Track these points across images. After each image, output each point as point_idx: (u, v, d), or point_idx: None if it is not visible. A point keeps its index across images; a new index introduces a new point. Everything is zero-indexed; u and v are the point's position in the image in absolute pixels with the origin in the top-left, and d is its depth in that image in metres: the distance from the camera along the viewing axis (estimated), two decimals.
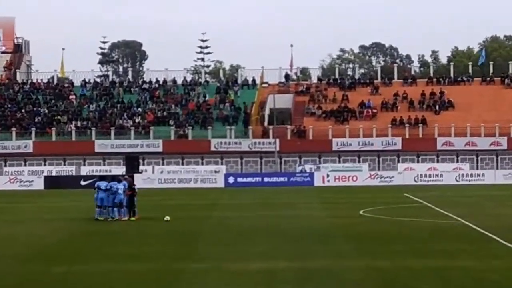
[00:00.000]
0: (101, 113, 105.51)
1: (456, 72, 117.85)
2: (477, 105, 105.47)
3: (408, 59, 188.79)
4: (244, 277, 32.07)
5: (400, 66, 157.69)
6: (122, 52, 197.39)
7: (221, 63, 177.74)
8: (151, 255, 38.23)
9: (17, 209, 64.80)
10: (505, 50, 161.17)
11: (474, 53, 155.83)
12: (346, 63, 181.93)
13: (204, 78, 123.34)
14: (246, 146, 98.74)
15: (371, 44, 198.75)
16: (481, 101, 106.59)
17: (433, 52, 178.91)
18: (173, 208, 62.11)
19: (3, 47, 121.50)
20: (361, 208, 59.80)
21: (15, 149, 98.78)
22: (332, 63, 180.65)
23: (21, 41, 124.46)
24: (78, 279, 31.97)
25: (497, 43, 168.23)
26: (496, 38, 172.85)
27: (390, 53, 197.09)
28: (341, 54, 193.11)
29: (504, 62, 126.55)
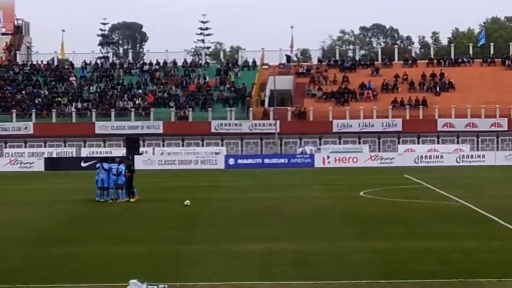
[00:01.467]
0: (102, 95, 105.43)
1: (457, 53, 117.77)
2: (478, 86, 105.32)
3: (408, 41, 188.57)
4: (244, 259, 31.96)
5: (401, 47, 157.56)
6: (122, 33, 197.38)
7: (221, 44, 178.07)
8: (151, 237, 38.13)
9: (17, 191, 64.74)
10: (506, 31, 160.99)
11: (474, 35, 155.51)
12: (346, 45, 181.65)
13: (205, 60, 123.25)
14: (247, 127, 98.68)
15: (372, 25, 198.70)
16: (482, 83, 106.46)
17: (433, 33, 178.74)
18: (174, 190, 62.09)
19: (3, 28, 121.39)
20: (361, 190, 59.72)
21: (15, 130, 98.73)
22: (333, 44, 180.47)
23: (21, 23, 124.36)
24: (78, 261, 31.86)
25: (498, 24, 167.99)
26: (496, 19, 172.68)
27: (390, 35, 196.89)
28: (342, 35, 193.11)
29: (504, 43, 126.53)
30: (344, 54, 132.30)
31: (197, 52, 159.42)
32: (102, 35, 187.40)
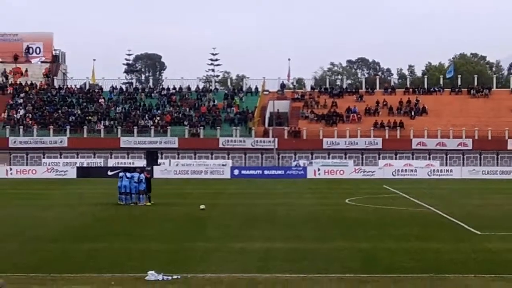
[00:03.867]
0: (126, 114, 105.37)
1: (429, 83, 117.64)
2: (447, 112, 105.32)
3: (388, 72, 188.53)
4: (245, 255, 31.89)
5: (382, 78, 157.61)
6: (144, 63, 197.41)
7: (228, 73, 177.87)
8: (166, 235, 38.05)
9: (53, 195, 64.66)
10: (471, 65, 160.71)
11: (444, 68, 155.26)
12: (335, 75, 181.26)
13: (214, 86, 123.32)
14: (249, 143, 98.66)
15: (357, 59, 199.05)
16: (450, 109, 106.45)
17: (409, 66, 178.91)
18: (186, 196, 62.02)
19: (43, 57, 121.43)
20: (346, 198, 59.63)
21: (52, 144, 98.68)
22: (323, 74, 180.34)
23: (58, 53, 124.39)
24: (104, 255, 31.80)
25: (464, 60, 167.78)
26: (463, 55, 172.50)
27: (373, 67, 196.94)
28: (331, 67, 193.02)
29: (469, 76, 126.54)
30: (333, 82, 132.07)
31: (207, 79, 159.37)
32: (127, 64, 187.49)
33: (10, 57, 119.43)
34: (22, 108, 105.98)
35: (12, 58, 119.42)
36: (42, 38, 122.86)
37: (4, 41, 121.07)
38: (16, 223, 43.25)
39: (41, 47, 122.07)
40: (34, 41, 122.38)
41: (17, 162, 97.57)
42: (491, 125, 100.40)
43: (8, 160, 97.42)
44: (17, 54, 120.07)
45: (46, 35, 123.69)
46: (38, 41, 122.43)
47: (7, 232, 39.00)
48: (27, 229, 40.59)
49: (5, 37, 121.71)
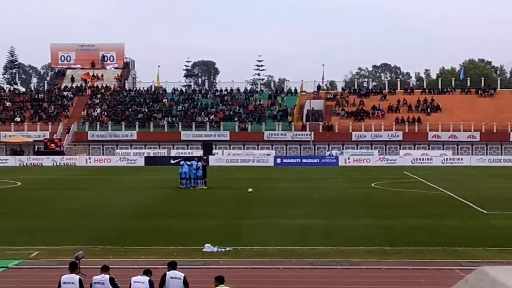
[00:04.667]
0: (185, 112, 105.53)
1: (443, 85, 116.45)
2: (458, 109, 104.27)
3: (407, 75, 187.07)
4: (287, 230, 31.89)
5: (402, 80, 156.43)
6: (201, 68, 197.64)
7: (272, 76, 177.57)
8: (220, 213, 38.15)
9: (125, 180, 65.00)
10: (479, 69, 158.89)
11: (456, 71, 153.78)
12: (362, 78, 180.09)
13: (260, 88, 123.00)
14: (290, 136, 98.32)
15: (381, 64, 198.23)
16: (461, 106, 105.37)
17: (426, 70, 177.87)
18: (237, 181, 62.08)
19: (116, 64, 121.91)
20: (372, 182, 59.41)
21: (124, 137, 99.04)
22: (352, 77, 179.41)
23: (129, 60, 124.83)
24: (167, 230, 31.97)
25: (473, 64, 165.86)
26: (472, 60, 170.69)
27: (394, 71, 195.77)
28: (359, 71, 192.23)
29: (478, 78, 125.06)
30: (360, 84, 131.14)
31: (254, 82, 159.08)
32: (187, 69, 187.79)
33: (88, 64, 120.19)
34: (98, 107, 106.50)
35: (90, 65, 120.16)
36: (115, 48, 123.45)
37: (84, 51, 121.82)
38: (95, 204, 43.59)
39: (114, 55, 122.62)
40: (108, 51, 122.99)
41: (94, 153, 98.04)
42: (496, 120, 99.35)
43: (87, 151, 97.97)
44: (94, 61, 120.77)
45: (118, 45, 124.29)
46: (112, 51, 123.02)
47: (87, 211, 39.32)
48: (104, 208, 40.90)
49: (84, 48, 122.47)
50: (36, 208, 40.94)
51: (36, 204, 43.12)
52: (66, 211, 39.42)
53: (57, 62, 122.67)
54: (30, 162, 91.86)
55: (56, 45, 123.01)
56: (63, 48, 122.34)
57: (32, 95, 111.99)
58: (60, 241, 28.89)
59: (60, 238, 29.72)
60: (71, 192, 51.79)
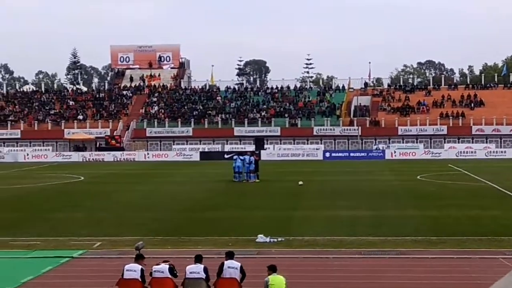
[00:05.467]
0: (238, 109, 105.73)
1: (486, 80, 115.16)
2: (501, 104, 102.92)
3: (451, 71, 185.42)
4: (336, 221, 31.82)
5: (446, 76, 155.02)
6: (252, 67, 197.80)
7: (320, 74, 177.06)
8: (271, 205, 38.19)
9: (181, 174, 65.33)
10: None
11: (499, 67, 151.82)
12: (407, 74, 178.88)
13: (309, 85, 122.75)
14: (338, 131, 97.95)
15: (425, 61, 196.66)
16: (504, 101, 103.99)
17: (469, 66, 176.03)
18: (287, 174, 62.04)
19: (172, 64, 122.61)
20: (418, 174, 58.95)
21: (180, 133, 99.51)
22: (398, 74, 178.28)
23: (184, 60, 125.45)
24: (222, 221, 32.08)
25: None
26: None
27: (439, 67, 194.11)
28: (404, 68, 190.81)
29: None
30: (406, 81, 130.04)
31: (303, 79, 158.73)
32: (239, 68, 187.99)
33: (146, 64, 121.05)
34: (156, 105, 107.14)
35: (148, 65, 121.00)
36: (171, 49, 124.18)
37: (142, 52, 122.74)
38: (153, 197, 43.91)
39: (170, 56, 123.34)
40: (165, 51, 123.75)
41: (152, 148, 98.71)
42: None
43: (146, 147, 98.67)
44: (152, 62, 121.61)
45: (174, 46, 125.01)
46: (168, 51, 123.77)
47: (146, 204, 39.63)
48: (162, 201, 41.16)
49: (142, 49, 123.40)
50: (98, 201, 41.38)
51: (98, 197, 43.59)
52: (127, 203, 39.78)
53: (116, 63, 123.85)
54: (92, 157, 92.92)
55: (116, 47, 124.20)
56: (122, 49, 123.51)
57: (94, 94, 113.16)
58: (121, 232, 29.16)
59: (121, 229, 30.00)
60: (131, 185, 52.24)
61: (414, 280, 20.73)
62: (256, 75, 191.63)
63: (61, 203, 40.20)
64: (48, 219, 33.64)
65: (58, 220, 33.22)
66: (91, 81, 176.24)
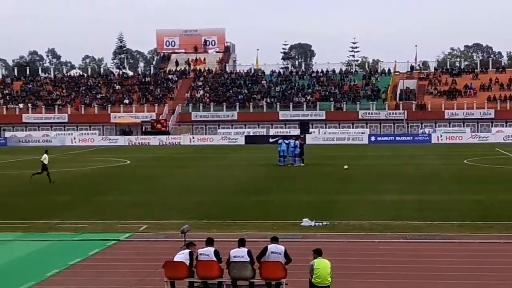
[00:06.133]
0: (283, 93, 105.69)
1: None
2: None
3: (499, 54, 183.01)
4: (381, 205, 31.73)
5: (494, 59, 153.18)
6: (297, 51, 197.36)
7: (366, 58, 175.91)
8: (316, 189, 38.18)
9: (227, 158, 65.54)
10: None
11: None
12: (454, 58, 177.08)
13: (354, 69, 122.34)
14: (384, 115, 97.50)
15: (473, 44, 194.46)
16: None
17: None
18: (332, 158, 61.93)
19: (217, 48, 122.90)
20: (465, 158, 58.45)
21: (225, 117, 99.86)
22: (445, 57, 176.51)
23: (229, 44, 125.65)
24: (267, 205, 32.18)
25: None
26: None
27: (486, 50, 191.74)
28: (451, 51, 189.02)
29: None
30: (453, 64, 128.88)
31: (349, 63, 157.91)
32: (284, 52, 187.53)
33: (192, 48, 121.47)
34: (201, 89, 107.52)
35: (193, 49, 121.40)
36: (217, 33, 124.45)
37: (187, 36, 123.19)
38: (199, 180, 44.13)
39: (215, 40, 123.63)
40: (210, 35, 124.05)
41: (198, 132, 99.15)
42: None
43: (191, 131, 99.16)
44: (197, 46, 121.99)
45: (219, 30, 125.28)
46: (214, 35, 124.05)
47: (192, 187, 39.86)
48: (207, 185, 41.36)
49: (188, 33, 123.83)
50: (144, 185, 41.73)
51: (144, 181, 43.94)
52: (172, 187, 40.07)
53: (162, 47, 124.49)
54: (138, 141, 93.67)
55: (162, 31, 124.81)
56: (168, 34, 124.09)
57: (140, 79, 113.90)
58: (167, 215, 29.38)
59: (167, 212, 30.23)
60: (177, 169, 52.56)
61: (460, 265, 20.61)
62: (301, 58, 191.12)
63: (108, 187, 40.63)
64: (95, 202, 34.04)
65: (105, 203, 33.59)
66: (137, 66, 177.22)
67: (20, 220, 28.43)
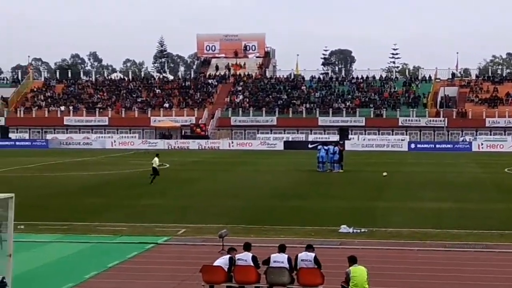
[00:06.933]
0: (323, 99, 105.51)
1: None
2: None
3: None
4: (421, 213, 31.51)
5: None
6: (338, 57, 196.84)
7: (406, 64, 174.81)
8: (355, 195, 38.03)
9: (265, 163, 65.51)
10: None
11: None
12: (496, 65, 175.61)
13: (395, 75, 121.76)
14: (424, 122, 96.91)
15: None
16: None
17: None
18: (372, 165, 61.65)
19: (257, 53, 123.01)
20: (505, 167, 57.82)
21: (264, 122, 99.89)
22: (486, 65, 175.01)
23: (269, 49, 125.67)
24: (304, 212, 32.10)
25: None
26: None
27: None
28: (493, 58, 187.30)
29: None
30: (494, 72, 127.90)
31: (389, 70, 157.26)
32: (324, 58, 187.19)
33: (232, 53, 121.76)
34: (241, 94, 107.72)
35: (233, 54, 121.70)
36: (257, 38, 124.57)
37: (227, 41, 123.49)
38: (237, 185, 44.17)
39: (256, 45, 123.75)
40: (250, 40, 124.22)
41: (237, 137, 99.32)
42: None
43: (230, 135, 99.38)
44: (237, 51, 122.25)
45: (260, 35, 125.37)
46: (254, 40, 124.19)
47: (230, 192, 39.90)
48: (245, 189, 41.38)
49: (228, 38, 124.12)
50: (183, 189, 41.88)
51: (183, 185, 44.10)
52: (211, 191, 40.15)
53: (202, 52, 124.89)
54: (177, 145, 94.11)
55: (202, 36, 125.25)
56: (208, 38, 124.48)
57: (180, 83, 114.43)
58: (205, 219, 29.44)
59: (205, 217, 30.30)
60: (215, 174, 52.65)
61: (500, 275, 20.37)
62: (341, 64, 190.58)
63: (147, 190, 40.83)
64: (134, 205, 34.22)
65: (144, 206, 33.76)
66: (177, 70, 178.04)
67: (60, 222, 28.68)
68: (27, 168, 57.34)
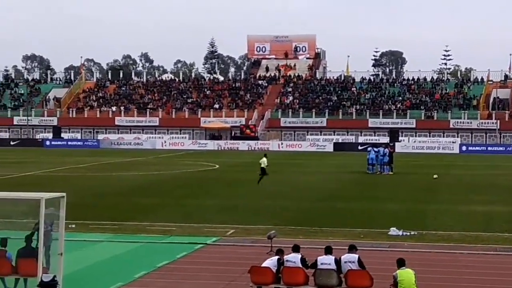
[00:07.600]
0: (373, 100, 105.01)
1: None
2: None
3: None
4: (471, 216, 31.21)
5: None
6: (388, 58, 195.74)
7: (458, 66, 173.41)
8: (404, 198, 37.82)
9: (314, 164, 65.39)
10: None
11: None
12: None
13: (446, 77, 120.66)
14: (475, 124, 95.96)
15: None
16: None
17: None
18: (422, 167, 61.19)
19: (308, 54, 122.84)
20: None
21: (314, 123, 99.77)
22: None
23: (320, 51, 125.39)
24: (352, 213, 32.01)
25: None
26: None
27: None
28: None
29: None
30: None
31: (441, 71, 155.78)
32: (375, 59, 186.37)
33: (282, 54, 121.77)
34: (291, 95, 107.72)
35: (284, 55, 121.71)
36: (307, 39, 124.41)
37: (278, 42, 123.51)
38: (286, 186, 44.15)
39: (306, 46, 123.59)
40: (301, 42, 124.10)
41: (286, 138, 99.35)
42: None
43: (280, 136, 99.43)
44: (288, 52, 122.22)
45: (310, 37, 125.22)
46: (304, 42, 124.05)
47: (279, 193, 39.91)
48: (295, 191, 41.37)
49: (279, 39, 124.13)
50: (232, 189, 42.02)
51: (233, 186, 44.25)
52: (260, 192, 40.18)
53: (253, 53, 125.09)
54: (227, 146, 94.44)
55: (253, 37, 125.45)
56: (258, 39, 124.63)
57: (230, 84, 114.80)
58: (253, 220, 29.51)
59: (254, 217, 30.36)
60: None
61: None
62: (392, 66, 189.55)
63: (196, 190, 41.06)
64: (184, 205, 34.43)
65: (193, 207, 33.94)
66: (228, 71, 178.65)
67: (110, 221, 28.97)
68: (78, 167, 58.05)
